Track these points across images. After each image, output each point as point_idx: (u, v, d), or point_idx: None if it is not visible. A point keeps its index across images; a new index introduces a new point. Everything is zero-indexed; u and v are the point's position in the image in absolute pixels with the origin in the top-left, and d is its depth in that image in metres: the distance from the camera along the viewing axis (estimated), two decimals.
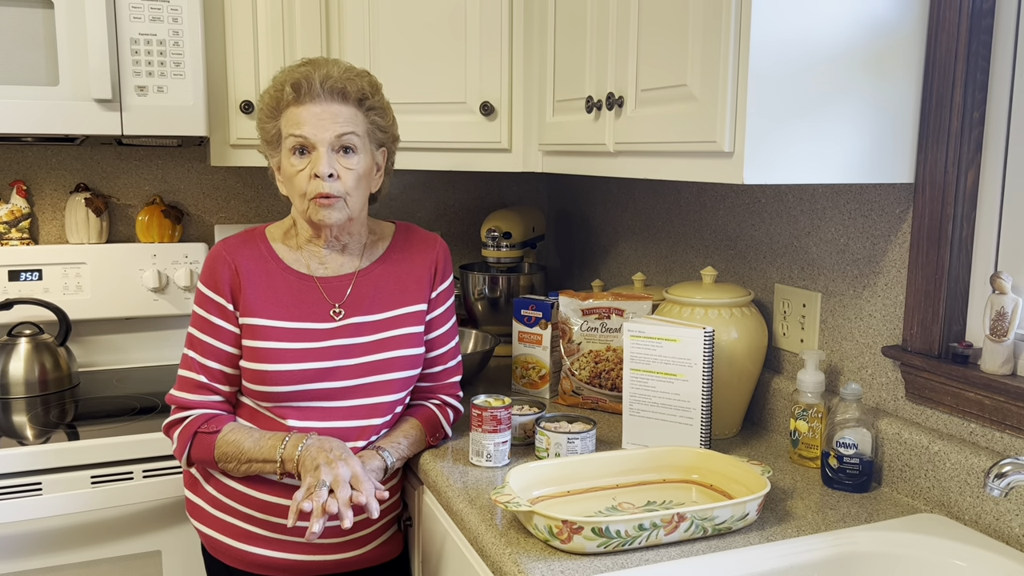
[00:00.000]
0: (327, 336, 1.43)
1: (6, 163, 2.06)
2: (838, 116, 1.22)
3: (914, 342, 1.32)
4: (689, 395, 1.45)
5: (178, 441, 1.42)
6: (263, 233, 1.49)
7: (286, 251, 1.47)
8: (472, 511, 1.26)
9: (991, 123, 1.24)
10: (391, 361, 1.46)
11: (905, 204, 1.35)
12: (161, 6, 1.76)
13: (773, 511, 1.26)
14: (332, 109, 1.37)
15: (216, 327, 1.42)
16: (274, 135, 1.42)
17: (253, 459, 1.37)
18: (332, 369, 1.42)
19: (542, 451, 1.46)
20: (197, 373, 1.42)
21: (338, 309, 1.45)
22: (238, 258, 1.43)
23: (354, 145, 1.39)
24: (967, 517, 1.21)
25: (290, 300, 1.43)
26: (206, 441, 1.39)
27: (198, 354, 1.42)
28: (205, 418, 1.41)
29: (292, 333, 1.42)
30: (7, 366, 1.90)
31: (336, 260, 1.48)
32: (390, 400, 1.47)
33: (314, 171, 1.36)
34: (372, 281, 1.49)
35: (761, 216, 1.67)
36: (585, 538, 1.10)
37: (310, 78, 1.36)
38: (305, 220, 1.43)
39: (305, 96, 1.36)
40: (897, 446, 1.33)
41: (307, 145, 1.37)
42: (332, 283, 1.47)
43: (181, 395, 1.43)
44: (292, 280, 1.45)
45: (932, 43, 1.26)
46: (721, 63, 1.17)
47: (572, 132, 1.61)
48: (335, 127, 1.36)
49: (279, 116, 1.40)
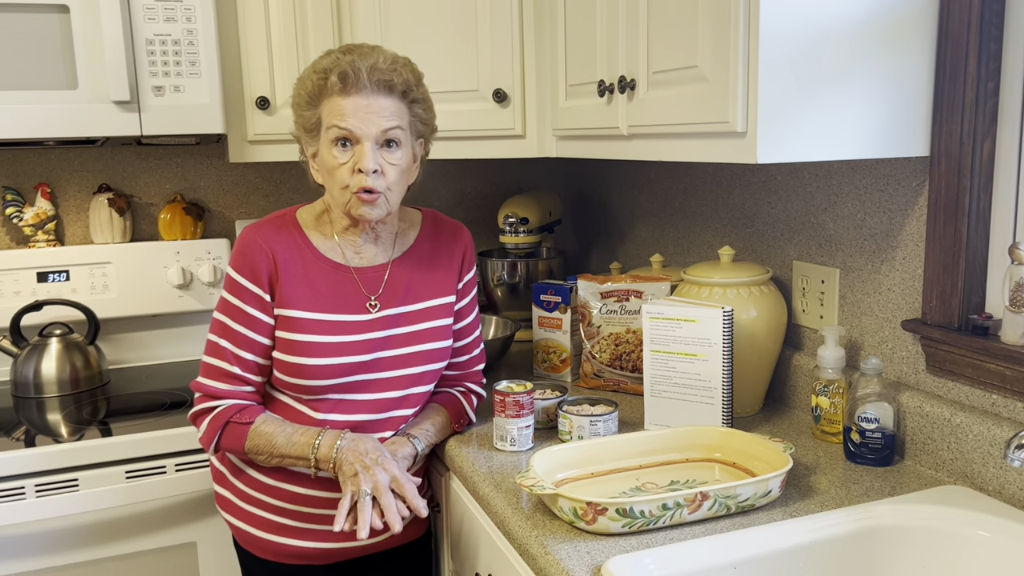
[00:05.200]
0: (364, 329, 1.42)
1: (30, 166, 2.10)
2: (851, 91, 1.22)
3: (933, 315, 1.32)
4: (710, 375, 1.46)
5: (207, 429, 1.40)
6: (294, 218, 1.46)
7: (320, 238, 1.45)
8: (498, 495, 1.28)
9: (1006, 93, 1.23)
10: (425, 354, 1.47)
11: (921, 177, 1.34)
12: (175, 6, 1.78)
13: (796, 487, 1.27)
14: (379, 102, 1.34)
15: (252, 318, 1.39)
16: (314, 123, 1.38)
17: (285, 454, 1.37)
18: (369, 362, 1.42)
19: (565, 434, 1.47)
20: (230, 364, 1.39)
21: (374, 302, 1.44)
22: (275, 246, 1.40)
23: (398, 139, 1.36)
24: (991, 488, 1.22)
25: (327, 291, 1.42)
26: (238, 432, 1.38)
27: (231, 344, 1.39)
28: (237, 408, 1.39)
29: (330, 326, 1.40)
30: (39, 366, 1.94)
31: (370, 250, 1.47)
32: (421, 391, 1.49)
33: (358, 166, 1.33)
34: (405, 271, 1.48)
35: (777, 194, 1.67)
36: (610, 519, 1.12)
37: (357, 69, 1.32)
38: (344, 212, 1.40)
39: (352, 87, 1.32)
40: (919, 419, 1.33)
41: (351, 138, 1.34)
42: (368, 274, 1.45)
43: (210, 383, 1.41)
44: (328, 270, 1.43)
45: (944, 13, 1.25)
46: (731, 43, 1.17)
47: (585, 116, 1.62)
48: (381, 121, 1.33)
49: (320, 104, 1.36)
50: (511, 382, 1.50)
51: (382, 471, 1.30)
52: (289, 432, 1.38)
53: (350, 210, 1.38)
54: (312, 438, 1.37)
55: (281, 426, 1.39)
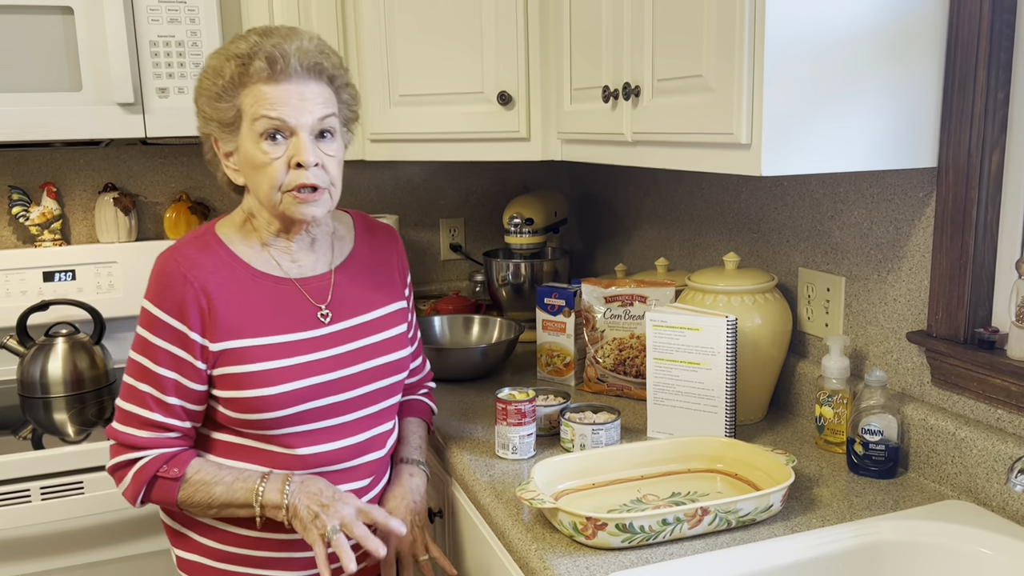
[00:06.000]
0: (320, 346, 1.28)
1: (36, 166, 2.10)
2: (858, 102, 1.20)
3: (939, 327, 1.31)
4: (713, 383, 1.45)
5: (130, 485, 1.22)
6: (215, 235, 1.28)
7: (248, 252, 1.28)
8: (499, 505, 1.28)
9: (1016, 103, 1.21)
10: (389, 366, 1.36)
11: (928, 188, 1.33)
12: (178, 7, 1.77)
13: (799, 500, 1.27)
14: (311, 88, 1.20)
15: (178, 359, 1.21)
16: (232, 116, 1.21)
17: (227, 503, 1.22)
18: (334, 381, 1.28)
19: (567, 442, 1.47)
20: (151, 410, 1.21)
21: (325, 311, 1.30)
22: (202, 275, 1.22)
23: (333, 129, 1.24)
24: (994, 504, 1.21)
25: (271, 311, 1.26)
26: (167, 487, 1.21)
27: (154, 388, 1.21)
28: (163, 459, 1.22)
29: (282, 348, 1.25)
30: (46, 366, 1.95)
31: (308, 258, 1.32)
32: (393, 403, 1.40)
33: (296, 160, 1.19)
34: (350, 279, 1.35)
35: (784, 200, 1.65)
36: (609, 534, 1.11)
37: (285, 52, 1.18)
38: (275, 215, 1.25)
39: (281, 73, 1.18)
40: (923, 432, 1.32)
41: (284, 129, 1.19)
42: (312, 283, 1.31)
43: (130, 432, 1.22)
44: (267, 286, 1.27)
45: (954, 22, 1.23)
46: (736, 53, 1.16)
47: (590, 121, 1.60)
48: (316, 109, 1.20)
49: (239, 94, 1.20)
50: (513, 389, 1.49)
51: (343, 505, 1.21)
52: (229, 480, 1.22)
53: (285, 210, 1.23)
54: (254, 483, 1.22)
55: (218, 472, 1.23)
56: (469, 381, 1.88)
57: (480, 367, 1.87)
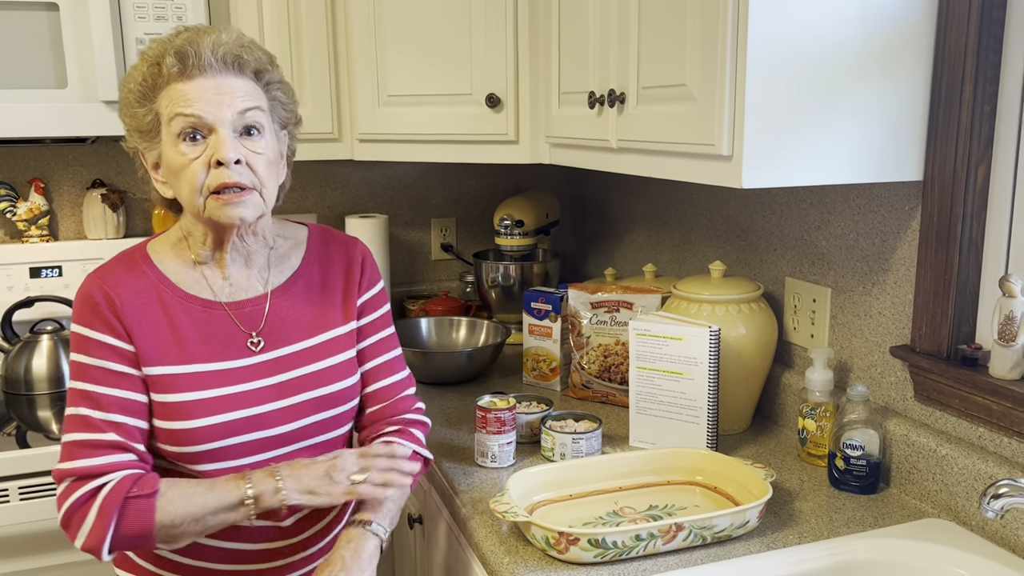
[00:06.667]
0: (248, 376, 1.19)
1: (24, 161, 2.09)
2: (843, 115, 1.18)
3: (922, 343, 1.29)
4: (695, 394, 1.44)
5: (96, 519, 1.07)
6: (145, 253, 1.21)
7: (179, 271, 1.20)
8: (475, 515, 1.27)
9: (1002, 117, 1.20)
10: (325, 399, 1.24)
11: (914, 201, 1.31)
12: (165, 4, 1.76)
13: (777, 514, 1.26)
14: (229, 82, 1.13)
15: (120, 375, 1.13)
16: (150, 122, 1.13)
17: (213, 509, 1.10)
18: (263, 416, 1.18)
19: (547, 451, 1.46)
20: (103, 432, 1.11)
21: (256, 339, 1.21)
22: (124, 294, 1.15)
23: (260, 124, 1.15)
24: (973, 523, 1.19)
25: (198, 336, 1.18)
26: (142, 507, 1.07)
27: (100, 411, 1.11)
28: (131, 480, 1.09)
29: (207, 378, 1.16)
30: (30, 363, 1.94)
31: (241, 276, 1.23)
32: (337, 437, 1.28)
33: (215, 157, 1.10)
34: (289, 301, 1.25)
35: (772, 208, 1.64)
36: (582, 549, 1.10)
37: (197, 46, 1.11)
38: (203, 222, 1.16)
39: (194, 68, 1.11)
40: (905, 447, 1.31)
41: (201, 127, 1.11)
42: (244, 308, 1.22)
43: (83, 463, 1.09)
44: (196, 310, 1.19)
45: (941, 36, 1.21)
46: (719, 63, 1.14)
47: (577, 126, 1.59)
48: (236, 102, 1.12)
49: (155, 97, 1.13)
50: (494, 396, 1.48)
51: (342, 459, 1.15)
52: (206, 486, 1.11)
53: (211, 214, 1.13)
54: (237, 482, 1.12)
55: (191, 484, 1.12)
56: (455, 385, 1.87)
57: (466, 371, 1.86)
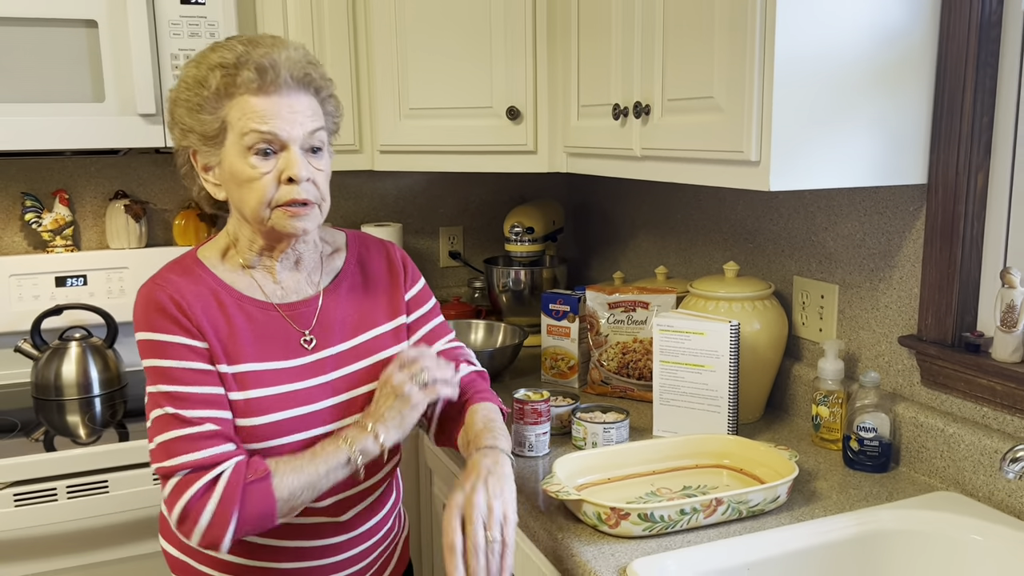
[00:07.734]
0: (304, 375, 1.21)
1: (48, 173, 2.14)
2: (856, 123, 1.30)
3: (929, 332, 1.41)
4: (716, 384, 1.54)
5: (217, 509, 1.07)
6: (197, 259, 1.23)
7: (232, 275, 1.22)
8: (519, 499, 1.35)
9: (1000, 127, 1.32)
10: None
11: (918, 203, 1.43)
12: (199, 21, 1.83)
13: (800, 492, 1.36)
14: (301, 101, 1.15)
15: (202, 372, 1.14)
16: (216, 129, 1.14)
17: (326, 473, 1.14)
18: (315, 413, 1.21)
19: (579, 440, 1.55)
20: (199, 425, 1.11)
21: (308, 336, 1.23)
22: (187, 296, 1.16)
23: (323, 143, 1.19)
24: (981, 494, 1.31)
25: (255, 336, 1.20)
26: (263, 490, 1.09)
27: (190, 408, 1.11)
28: (244, 466, 1.10)
29: (270, 376, 1.19)
30: (60, 369, 1.99)
31: (292, 279, 1.25)
32: None
33: (287, 174, 1.14)
34: (339, 302, 1.28)
35: (779, 211, 1.75)
36: (632, 523, 1.20)
37: (275, 62, 1.12)
38: (262, 232, 1.19)
39: (271, 84, 1.12)
40: (914, 429, 1.43)
41: (274, 143, 1.13)
42: (296, 309, 1.24)
43: (191, 457, 1.09)
44: (252, 311, 1.21)
45: (943, 52, 1.33)
46: (747, 75, 1.25)
47: (598, 136, 1.69)
48: (307, 122, 1.15)
49: (225, 105, 1.14)
50: (528, 391, 1.57)
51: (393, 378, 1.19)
52: (307, 457, 1.14)
53: (274, 225, 1.17)
54: (334, 442, 1.16)
55: (293, 458, 1.15)
56: None
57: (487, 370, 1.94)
